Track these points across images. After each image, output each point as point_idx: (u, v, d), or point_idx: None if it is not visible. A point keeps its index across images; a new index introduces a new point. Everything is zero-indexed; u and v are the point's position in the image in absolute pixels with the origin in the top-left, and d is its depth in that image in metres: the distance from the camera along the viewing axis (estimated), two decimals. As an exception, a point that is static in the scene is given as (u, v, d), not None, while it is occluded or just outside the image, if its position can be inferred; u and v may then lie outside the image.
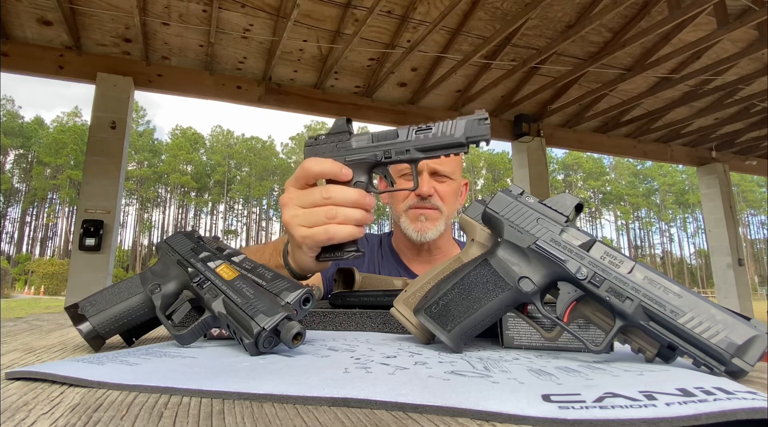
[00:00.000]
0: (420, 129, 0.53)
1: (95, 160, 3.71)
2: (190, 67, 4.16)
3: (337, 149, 0.57)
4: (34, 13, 3.44)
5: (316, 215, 0.55)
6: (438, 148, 0.52)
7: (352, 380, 0.32)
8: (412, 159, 0.53)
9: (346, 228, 0.54)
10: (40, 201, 55.63)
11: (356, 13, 3.57)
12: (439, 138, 0.52)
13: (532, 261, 0.45)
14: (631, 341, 0.42)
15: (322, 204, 0.55)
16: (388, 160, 0.54)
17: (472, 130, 0.51)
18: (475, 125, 0.51)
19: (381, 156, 0.54)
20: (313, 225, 0.55)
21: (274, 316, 0.43)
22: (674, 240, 66.95)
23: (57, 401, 0.29)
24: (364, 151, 0.55)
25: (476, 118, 0.51)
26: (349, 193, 0.54)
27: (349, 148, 0.56)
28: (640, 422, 0.24)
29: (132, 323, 0.51)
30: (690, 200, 58.18)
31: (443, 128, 0.52)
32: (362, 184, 0.56)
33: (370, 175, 0.56)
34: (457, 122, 0.51)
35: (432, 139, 0.52)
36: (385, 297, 0.67)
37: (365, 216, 0.55)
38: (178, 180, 54.43)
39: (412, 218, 1.08)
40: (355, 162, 0.55)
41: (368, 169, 0.56)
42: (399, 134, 0.54)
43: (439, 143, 0.52)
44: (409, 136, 0.53)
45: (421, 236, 1.07)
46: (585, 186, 62.26)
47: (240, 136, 59.60)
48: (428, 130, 0.52)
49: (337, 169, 0.55)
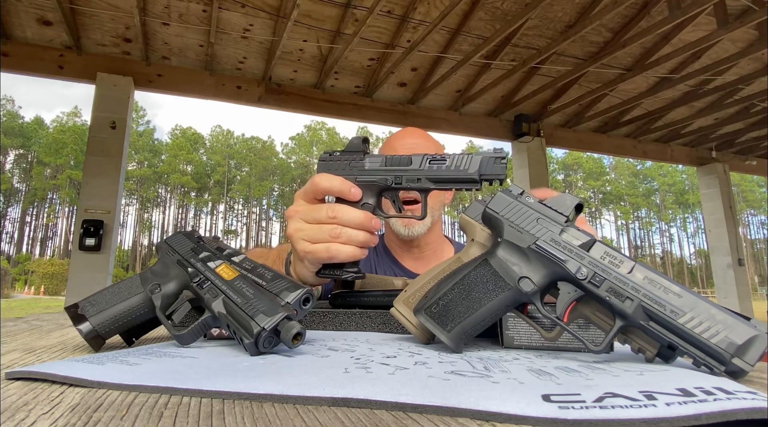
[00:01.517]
0: (434, 159, 0.52)
1: (95, 160, 3.71)
2: (190, 67, 4.16)
3: (349, 168, 0.56)
4: (34, 13, 3.45)
5: (320, 231, 0.55)
6: (450, 181, 0.51)
7: (352, 380, 0.32)
8: (422, 188, 0.53)
9: (348, 249, 0.54)
10: (40, 201, 55.64)
11: (356, 13, 3.57)
12: (452, 171, 0.51)
13: (532, 261, 0.45)
14: (631, 341, 0.42)
15: (327, 222, 0.55)
16: (398, 186, 0.54)
17: (487, 167, 0.50)
18: (491, 163, 0.50)
19: (392, 181, 0.54)
20: (316, 242, 0.55)
21: (274, 316, 0.43)
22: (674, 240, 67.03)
23: (57, 401, 0.29)
24: (376, 173, 0.55)
25: (493, 157, 0.50)
26: (355, 215, 0.54)
27: (362, 168, 0.56)
28: (640, 422, 0.24)
29: (132, 323, 0.51)
30: (690, 200, 58.19)
31: (458, 162, 0.51)
32: (370, 206, 0.55)
33: (379, 198, 0.56)
34: (472, 158, 0.50)
35: (445, 171, 0.51)
36: (385, 297, 0.67)
37: (369, 238, 0.55)
38: (178, 180, 54.43)
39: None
40: (366, 183, 0.55)
41: (378, 192, 0.56)
42: (413, 161, 0.53)
43: (452, 177, 0.51)
44: (422, 165, 0.52)
45: (408, 230, 1.09)
46: (585, 186, 62.26)
47: (240, 136, 59.61)
48: (442, 161, 0.52)
49: (347, 188, 0.55)
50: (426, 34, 3.56)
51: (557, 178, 60.11)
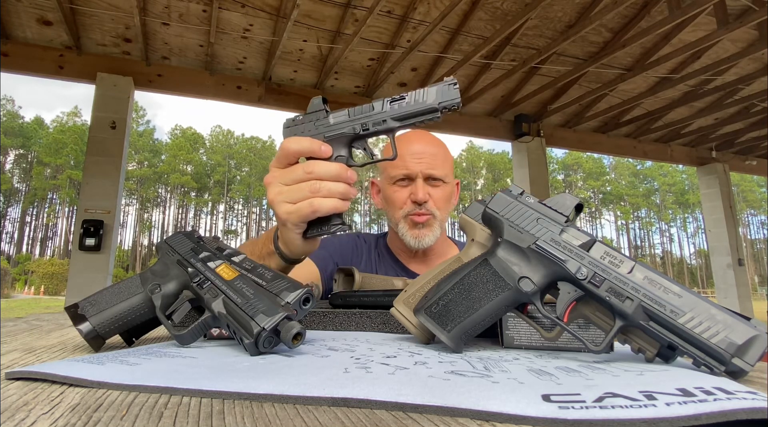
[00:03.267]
0: (394, 99, 0.54)
1: (95, 160, 3.72)
2: (190, 67, 4.16)
3: (315, 127, 0.58)
4: (34, 13, 3.45)
5: (299, 190, 0.56)
6: (413, 115, 0.53)
7: (352, 380, 0.32)
8: (389, 128, 0.55)
9: (330, 201, 0.55)
10: (40, 201, 55.64)
11: (356, 13, 3.57)
12: (412, 106, 0.53)
13: (532, 261, 0.45)
14: (631, 341, 0.42)
15: (305, 179, 0.56)
16: (366, 132, 0.56)
17: (443, 95, 0.52)
18: (445, 91, 0.52)
19: (359, 129, 0.56)
20: (298, 201, 0.56)
21: (274, 316, 0.43)
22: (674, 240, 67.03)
23: (57, 401, 0.29)
24: (342, 126, 0.56)
25: (446, 84, 0.52)
26: (330, 168, 0.56)
27: (328, 124, 0.57)
28: (640, 422, 0.24)
29: (132, 323, 0.51)
30: (690, 200, 58.19)
31: (416, 96, 0.53)
32: (342, 158, 0.57)
33: (349, 148, 0.58)
34: (428, 90, 0.53)
35: (406, 107, 0.53)
36: (385, 297, 0.67)
37: (348, 189, 0.56)
38: (178, 180, 54.43)
39: (411, 225, 1.09)
40: (334, 137, 0.57)
41: (347, 143, 0.57)
42: (374, 107, 0.55)
43: (414, 110, 0.53)
44: (384, 107, 0.55)
45: (418, 242, 1.08)
46: (585, 186, 62.25)
47: (240, 136, 59.62)
48: (402, 99, 0.54)
49: (317, 146, 0.56)
50: (426, 34, 3.56)
51: (557, 178, 60.10)
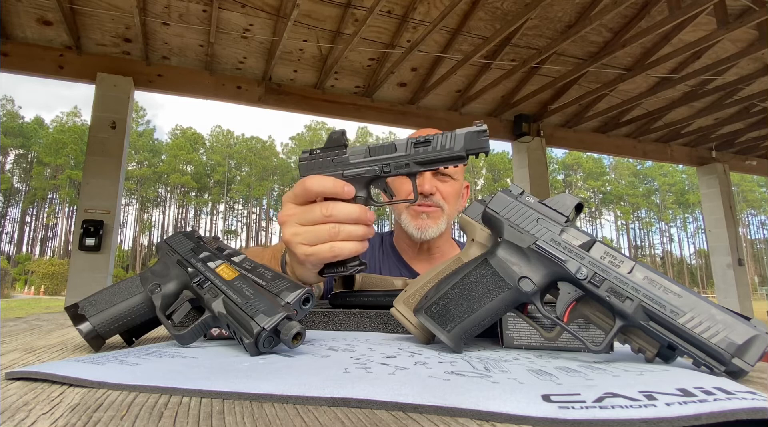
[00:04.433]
0: (419, 142, 0.52)
1: (95, 160, 3.71)
2: (190, 67, 4.16)
3: (333, 164, 0.56)
4: (34, 13, 3.44)
5: (318, 232, 0.54)
6: (437, 161, 0.52)
7: (352, 380, 0.32)
8: (411, 173, 0.53)
9: (350, 245, 0.54)
10: (40, 201, 55.63)
11: (356, 13, 3.57)
12: (438, 151, 0.52)
13: (532, 261, 0.45)
14: (631, 341, 0.42)
15: (324, 222, 0.54)
16: (386, 174, 0.54)
17: (471, 142, 0.51)
18: (474, 138, 0.51)
19: (380, 171, 0.54)
20: (316, 243, 0.54)
21: (274, 316, 0.43)
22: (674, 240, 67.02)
23: (57, 401, 0.29)
24: (362, 165, 0.54)
25: (475, 131, 0.51)
26: (350, 210, 0.54)
27: (347, 163, 0.55)
28: (640, 422, 0.24)
29: (132, 323, 0.51)
30: (690, 200, 58.17)
31: (442, 141, 0.52)
32: (362, 199, 0.55)
33: (368, 189, 0.56)
34: (456, 135, 0.51)
35: (431, 152, 0.52)
36: (385, 297, 0.67)
37: (367, 231, 0.55)
38: (178, 180, 54.41)
39: (413, 215, 1.09)
40: (354, 177, 0.55)
41: (366, 184, 0.55)
42: (397, 148, 0.53)
43: (438, 157, 0.52)
44: (408, 150, 0.53)
45: (421, 233, 1.07)
46: (585, 186, 62.25)
47: (240, 136, 59.60)
48: (427, 144, 0.52)
49: (340, 188, 0.54)
50: (426, 34, 3.56)
51: (557, 178, 60.10)
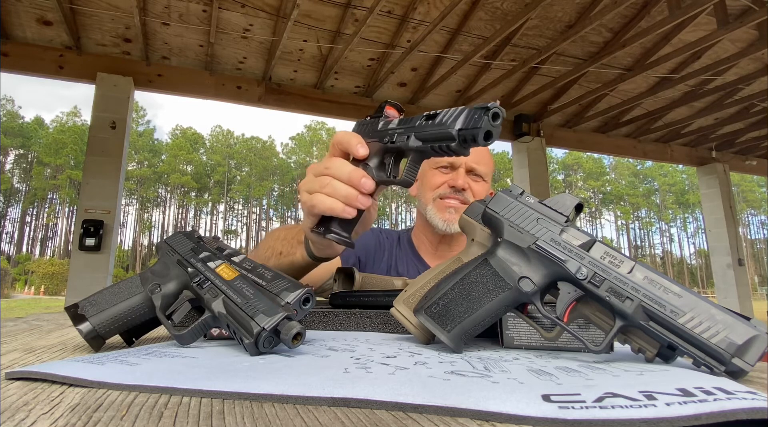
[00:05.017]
0: (429, 115, 0.47)
1: (95, 160, 3.71)
2: (190, 67, 4.16)
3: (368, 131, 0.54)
4: (34, 13, 3.44)
5: (314, 181, 0.55)
6: (432, 139, 0.45)
7: (352, 380, 0.32)
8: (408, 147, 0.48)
9: (329, 200, 0.53)
10: (40, 201, 55.63)
11: (356, 13, 3.57)
12: (435, 127, 0.45)
13: (532, 261, 0.45)
14: (631, 341, 0.42)
15: (323, 173, 0.55)
16: (392, 144, 0.50)
17: (468, 120, 0.42)
18: (471, 116, 0.42)
19: (387, 139, 0.50)
20: (310, 191, 0.55)
21: (274, 316, 0.43)
22: (674, 240, 67.02)
23: (57, 401, 0.29)
24: (381, 133, 0.52)
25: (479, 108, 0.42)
26: (345, 168, 0.52)
27: (374, 128, 0.53)
28: (640, 422, 0.24)
29: (132, 323, 0.51)
30: (690, 200, 58.17)
31: (444, 117, 0.45)
32: (367, 166, 0.53)
33: (381, 159, 0.53)
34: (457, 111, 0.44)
35: (428, 126, 0.46)
36: (385, 297, 0.67)
37: (353, 195, 0.52)
38: (178, 180, 54.41)
39: (440, 207, 1.10)
40: (373, 143, 0.53)
41: (380, 154, 0.52)
42: (413, 119, 0.49)
43: (433, 133, 0.45)
44: (418, 121, 0.48)
45: (447, 225, 1.08)
46: (585, 186, 62.24)
47: (240, 136, 59.58)
48: (434, 117, 0.46)
49: (354, 144, 0.53)
50: (426, 34, 3.56)
51: (557, 178, 60.10)
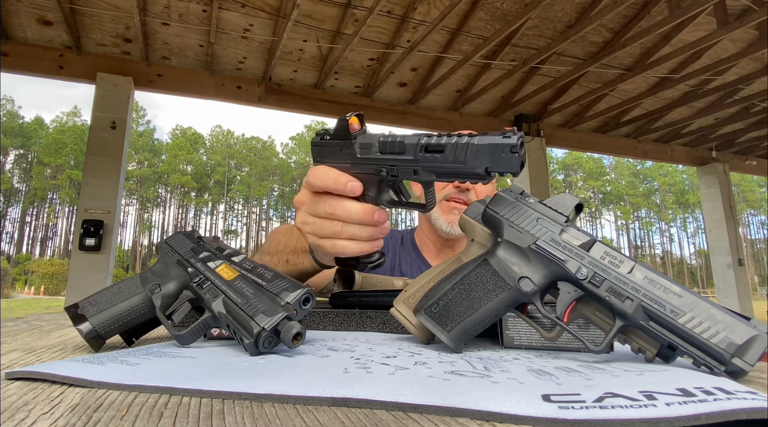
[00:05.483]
0: (430, 147, 0.42)
1: (95, 160, 3.72)
2: (190, 67, 4.16)
3: (342, 155, 0.49)
4: (34, 13, 3.45)
5: (323, 227, 0.52)
6: (451, 174, 0.42)
7: (352, 380, 0.32)
8: (421, 181, 0.45)
9: (353, 245, 0.51)
10: (40, 201, 55.61)
11: (356, 13, 3.57)
12: (451, 163, 0.41)
13: (532, 261, 0.45)
14: (631, 341, 0.42)
15: (327, 218, 0.52)
16: (394, 178, 0.47)
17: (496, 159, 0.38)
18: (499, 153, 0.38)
19: (387, 172, 0.46)
20: (322, 237, 0.53)
21: (274, 316, 0.43)
22: (674, 240, 67.02)
23: (57, 401, 0.29)
24: (370, 163, 0.47)
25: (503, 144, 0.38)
26: (354, 210, 0.50)
27: (355, 156, 0.48)
28: (640, 422, 0.24)
29: (132, 323, 0.51)
30: (690, 200, 58.15)
31: (457, 152, 0.40)
32: (370, 198, 0.50)
33: (379, 187, 0.50)
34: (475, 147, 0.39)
35: (443, 163, 0.41)
36: (385, 297, 0.67)
37: (374, 232, 0.51)
38: (178, 180, 54.41)
39: (445, 209, 1.10)
40: (361, 173, 0.49)
41: (376, 182, 0.49)
42: (406, 148, 0.44)
43: (453, 171, 0.41)
44: (417, 154, 0.43)
45: (451, 227, 1.08)
46: (585, 186, 62.24)
47: (240, 136, 59.59)
48: (439, 151, 0.42)
49: (342, 185, 0.49)
50: (426, 34, 3.56)
51: (557, 178, 60.10)
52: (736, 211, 6.51)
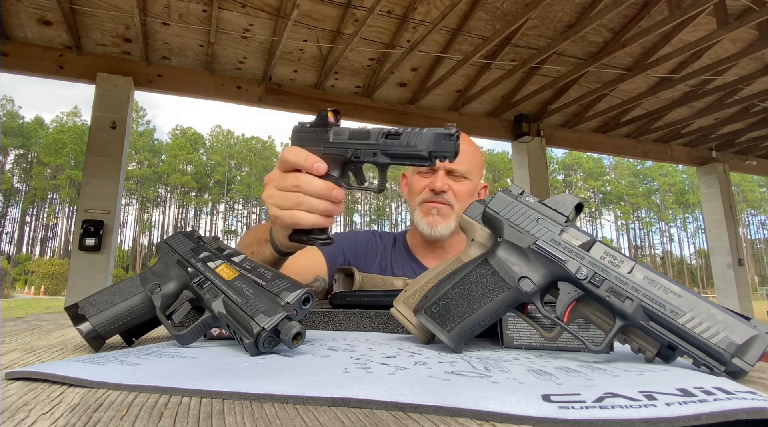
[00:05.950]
0: (390, 134, 0.52)
1: (95, 160, 3.71)
2: (190, 67, 4.16)
3: (317, 140, 0.58)
4: (34, 13, 3.44)
5: (286, 199, 0.58)
6: (402, 157, 0.51)
7: (352, 380, 0.32)
8: (377, 163, 0.53)
9: (310, 216, 0.57)
10: (40, 201, 55.61)
11: (356, 13, 3.57)
12: (404, 147, 0.51)
13: (532, 261, 0.45)
14: (631, 341, 0.42)
15: (292, 190, 0.58)
16: (357, 160, 0.55)
17: (437, 144, 0.49)
18: (440, 140, 0.49)
19: (351, 154, 0.55)
20: (283, 208, 0.58)
21: (274, 316, 0.43)
22: (674, 240, 67.01)
23: (57, 401, 0.29)
24: (339, 147, 0.56)
25: (444, 133, 0.49)
26: (316, 185, 0.56)
27: (327, 141, 0.57)
28: (640, 422, 0.24)
29: (132, 323, 0.51)
30: (690, 200, 58.15)
31: (410, 138, 0.51)
32: (333, 178, 0.57)
33: (342, 170, 0.57)
34: (423, 134, 0.50)
35: (398, 146, 0.51)
36: (385, 297, 0.67)
37: (331, 207, 0.57)
38: (178, 180, 54.40)
39: (425, 211, 1.10)
40: (330, 156, 0.57)
41: (341, 165, 0.57)
42: (371, 135, 0.54)
43: (404, 153, 0.51)
44: (378, 139, 0.53)
45: (431, 229, 1.09)
46: (585, 186, 62.23)
47: (240, 136, 59.60)
48: (396, 136, 0.52)
49: (310, 163, 0.57)
50: (426, 34, 3.56)
51: (557, 178, 60.10)
52: (736, 211, 6.51)
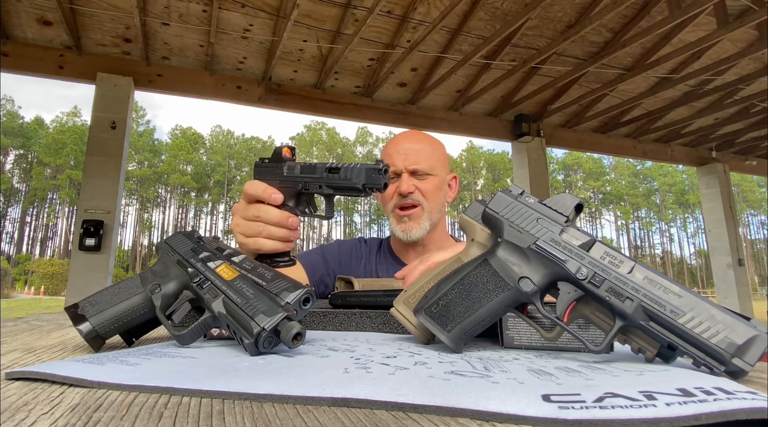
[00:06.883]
0: (331, 169, 0.60)
1: (95, 160, 3.71)
2: (190, 67, 4.16)
3: (274, 173, 0.66)
4: (34, 13, 3.44)
5: (249, 228, 0.65)
6: (342, 189, 0.59)
7: (352, 380, 0.32)
8: (323, 193, 0.61)
9: (270, 243, 0.64)
10: (40, 201, 55.60)
11: (356, 13, 3.57)
12: (343, 180, 0.58)
13: (532, 261, 0.45)
14: (631, 341, 0.42)
15: (254, 220, 0.65)
16: (306, 191, 0.63)
17: (369, 178, 0.56)
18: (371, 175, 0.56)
19: (301, 186, 0.63)
20: (248, 236, 0.65)
21: (274, 316, 0.43)
22: (674, 240, 66.99)
23: (57, 401, 0.29)
24: (292, 180, 0.64)
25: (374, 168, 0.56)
26: (273, 214, 0.64)
27: (281, 174, 0.65)
28: (640, 422, 0.24)
29: (132, 323, 0.51)
30: (690, 200, 58.15)
31: (347, 172, 0.58)
32: (288, 207, 0.65)
33: (297, 199, 0.65)
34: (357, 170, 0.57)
35: (338, 180, 0.59)
36: (385, 297, 0.67)
37: (288, 234, 0.65)
38: (178, 180, 54.39)
39: (397, 219, 1.13)
40: (285, 188, 0.64)
41: (295, 195, 0.65)
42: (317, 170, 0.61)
43: (343, 185, 0.58)
44: (322, 174, 0.60)
45: (406, 235, 1.11)
46: (585, 186, 62.23)
47: (240, 136, 59.60)
48: (336, 171, 0.59)
49: (268, 194, 0.64)
50: (426, 34, 3.56)
51: (557, 178, 60.09)
52: (736, 212, 6.51)
